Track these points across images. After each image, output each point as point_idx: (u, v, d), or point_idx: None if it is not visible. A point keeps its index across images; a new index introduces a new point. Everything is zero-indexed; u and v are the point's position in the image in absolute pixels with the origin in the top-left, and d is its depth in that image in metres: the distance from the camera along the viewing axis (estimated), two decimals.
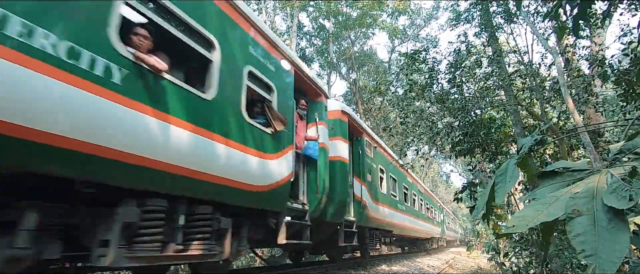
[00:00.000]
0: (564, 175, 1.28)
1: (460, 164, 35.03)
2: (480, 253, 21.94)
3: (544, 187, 1.27)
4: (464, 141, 7.59)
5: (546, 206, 1.06)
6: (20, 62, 1.93)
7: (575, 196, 1.04)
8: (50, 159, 2.12)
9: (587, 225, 0.92)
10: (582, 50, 8.19)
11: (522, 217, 1.07)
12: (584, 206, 0.98)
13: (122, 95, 2.48)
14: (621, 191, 0.94)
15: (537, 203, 1.11)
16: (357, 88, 24.52)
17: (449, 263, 14.97)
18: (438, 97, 8.01)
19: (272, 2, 20.87)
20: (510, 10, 8.10)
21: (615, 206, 0.91)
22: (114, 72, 2.45)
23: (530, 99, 8.66)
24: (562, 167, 1.32)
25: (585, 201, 1.00)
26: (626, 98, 5.54)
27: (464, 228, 49.43)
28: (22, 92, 1.94)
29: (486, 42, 8.54)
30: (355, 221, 7.36)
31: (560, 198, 1.07)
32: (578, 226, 0.93)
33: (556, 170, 1.32)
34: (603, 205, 0.95)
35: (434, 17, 25.71)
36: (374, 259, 11.98)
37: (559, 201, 1.05)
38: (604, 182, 1.05)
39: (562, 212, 1.00)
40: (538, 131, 1.78)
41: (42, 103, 2.02)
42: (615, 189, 0.97)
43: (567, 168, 1.30)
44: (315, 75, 6.27)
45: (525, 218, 1.06)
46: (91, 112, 2.26)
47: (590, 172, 1.20)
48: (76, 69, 2.21)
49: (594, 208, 0.96)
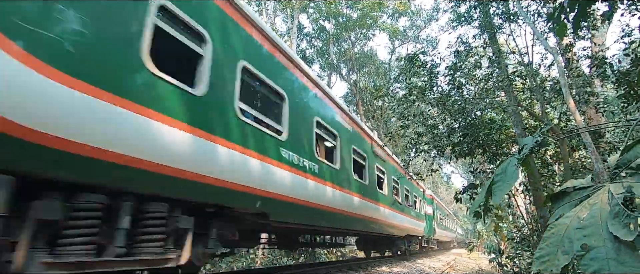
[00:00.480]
0: (571, 194, 1.34)
1: (461, 165, 35.01)
2: (481, 254, 21.89)
3: (557, 209, 1.34)
4: (465, 143, 7.58)
5: (559, 238, 1.10)
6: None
7: (582, 225, 1.05)
8: None
9: (601, 260, 0.94)
10: (582, 50, 8.19)
11: (544, 258, 1.11)
12: (592, 239, 0.99)
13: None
14: (622, 218, 0.95)
15: (550, 237, 1.15)
16: (357, 89, 24.52)
17: (450, 264, 14.94)
18: (438, 99, 8.00)
19: (273, 3, 20.90)
20: (510, 10, 8.10)
21: (621, 237, 0.92)
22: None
23: (531, 100, 8.64)
24: (570, 187, 1.38)
25: (593, 230, 1.01)
26: (627, 98, 5.52)
27: (464, 229, 49.34)
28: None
29: (486, 43, 8.53)
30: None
31: (570, 226, 1.10)
32: (592, 263, 0.94)
33: (566, 189, 1.39)
34: (609, 233, 0.96)
35: (434, 18, 25.73)
36: (375, 260, 11.96)
37: (569, 231, 1.09)
38: (606, 202, 1.06)
39: (574, 248, 1.02)
40: (539, 131, 1.78)
41: None
42: (617, 214, 0.98)
43: (574, 187, 1.36)
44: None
45: (547, 262, 1.10)
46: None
47: (594, 189, 1.23)
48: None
49: (603, 239, 0.97)
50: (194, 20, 3.35)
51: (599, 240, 0.97)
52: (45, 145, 2.09)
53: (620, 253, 0.90)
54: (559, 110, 8.44)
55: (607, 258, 0.92)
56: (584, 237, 1.01)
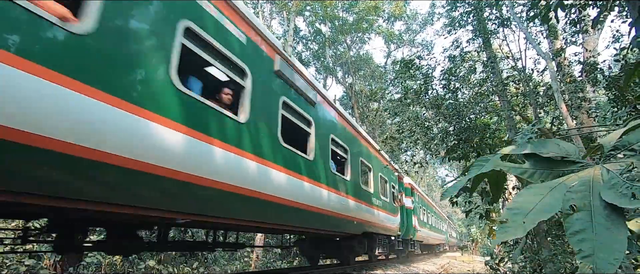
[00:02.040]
0: (558, 163, 1.22)
1: (455, 168, 35.18)
2: (475, 256, 21.96)
3: (538, 170, 1.22)
4: (459, 147, 7.63)
5: (541, 197, 0.99)
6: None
7: (572, 189, 0.98)
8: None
9: (586, 221, 0.87)
10: (574, 56, 8.30)
11: (517, 211, 0.99)
12: (581, 202, 0.92)
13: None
14: (621, 188, 0.89)
15: (530, 191, 1.04)
16: (353, 92, 24.59)
17: (444, 267, 14.97)
18: (433, 102, 8.06)
19: (269, 5, 20.95)
20: (503, 15, 8.20)
21: (616, 203, 0.86)
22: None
23: (524, 104, 8.73)
24: (557, 153, 1.26)
25: (582, 196, 0.94)
26: (617, 103, 5.61)
27: (458, 232, 49.48)
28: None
29: (480, 48, 8.62)
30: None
31: (555, 188, 1.01)
32: (577, 222, 0.88)
33: (552, 157, 1.27)
34: (601, 200, 0.90)
35: (429, 22, 25.91)
36: (370, 263, 11.95)
37: (554, 192, 1.00)
38: (600, 177, 1.00)
39: (559, 206, 0.94)
40: (527, 130, 1.80)
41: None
42: (613, 185, 0.92)
43: (562, 157, 1.24)
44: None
45: (519, 213, 0.98)
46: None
47: (584, 166, 1.16)
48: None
49: (591, 204, 0.91)
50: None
51: (587, 206, 0.91)
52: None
53: (608, 219, 0.86)
54: (551, 114, 8.54)
55: (593, 221, 0.87)
56: (572, 199, 0.94)
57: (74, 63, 2.25)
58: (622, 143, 1.19)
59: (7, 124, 1.92)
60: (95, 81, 2.37)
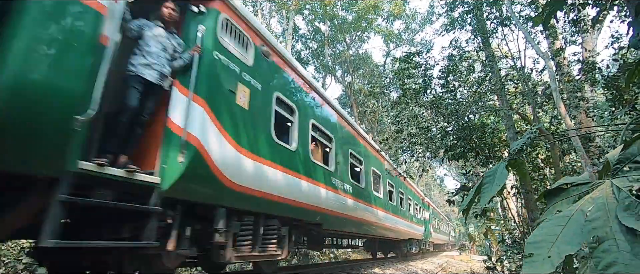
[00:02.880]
0: (568, 190, 1.25)
1: (454, 168, 35.23)
2: (473, 256, 22.03)
3: (552, 205, 1.24)
4: (458, 146, 7.63)
5: (560, 228, 1.00)
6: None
7: (590, 217, 0.98)
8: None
9: (613, 252, 0.87)
10: (573, 55, 8.31)
11: (539, 245, 0.99)
12: (601, 231, 0.92)
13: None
14: (635, 209, 0.90)
15: (549, 222, 1.05)
16: (352, 91, 24.58)
17: (443, 266, 15.00)
18: (431, 101, 8.06)
19: (268, 4, 20.90)
20: (502, 15, 8.19)
21: (636, 228, 0.86)
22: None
23: (523, 104, 8.74)
24: (565, 183, 1.30)
25: (601, 223, 0.94)
26: (615, 103, 5.61)
27: (456, 232, 49.64)
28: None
29: (479, 47, 8.61)
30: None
31: (573, 216, 1.01)
32: (605, 255, 0.88)
33: (562, 186, 1.31)
34: (620, 225, 0.90)
35: (428, 21, 25.91)
36: (367, 262, 11.97)
37: (572, 222, 1.00)
38: (611, 196, 1.01)
39: (582, 239, 0.94)
40: (529, 132, 1.80)
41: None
42: (628, 206, 0.92)
43: (571, 183, 1.28)
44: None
45: (543, 247, 0.98)
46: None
47: (594, 184, 1.18)
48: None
49: (613, 232, 0.91)
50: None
51: (609, 233, 0.91)
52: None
53: (634, 246, 0.86)
54: (550, 114, 8.55)
55: (620, 250, 0.86)
56: (593, 230, 0.94)
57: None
58: (626, 155, 1.19)
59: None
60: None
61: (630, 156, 1.16)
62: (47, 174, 2.27)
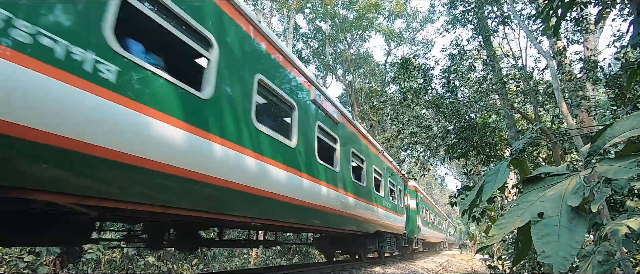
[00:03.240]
0: (545, 180, 1.34)
1: (455, 167, 35.22)
2: (474, 255, 22.01)
3: (527, 192, 1.34)
4: (459, 145, 7.63)
5: (522, 212, 1.12)
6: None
7: (544, 198, 1.11)
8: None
9: (552, 226, 0.98)
10: (574, 54, 8.28)
11: (503, 224, 1.15)
12: (550, 210, 1.04)
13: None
14: (581, 191, 1.01)
15: (516, 209, 1.18)
16: (353, 90, 24.57)
17: (443, 265, 15.01)
18: (432, 101, 8.05)
19: (269, 2, 20.88)
20: (504, 13, 8.17)
21: (573, 204, 0.98)
22: None
23: (524, 103, 8.73)
24: (544, 172, 1.38)
25: (553, 204, 1.06)
26: (616, 102, 5.60)
27: (456, 230, 49.63)
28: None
29: (480, 46, 8.59)
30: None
31: (535, 202, 1.13)
32: (543, 228, 0.99)
33: (540, 175, 1.39)
34: (567, 206, 1.01)
35: (430, 20, 25.86)
36: (369, 261, 11.97)
37: (534, 206, 1.12)
38: (575, 184, 1.12)
39: (531, 215, 1.06)
40: (530, 131, 1.80)
41: None
42: (577, 189, 1.03)
43: (548, 173, 1.36)
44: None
45: (504, 226, 1.14)
46: None
47: (567, 175, 1.27)
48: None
49: (560, 210, 1.02)
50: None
51: (556, 212, 1.02)
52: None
53: (572, 221, 0.96)
54: (551, 113, 8.54)
55: (559, 225, 0.97)
56: (543, 208, 1.06)
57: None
58: (593, 148, 1.29)
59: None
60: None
61: (597, 149, 1.25)
62: None
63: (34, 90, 2.05)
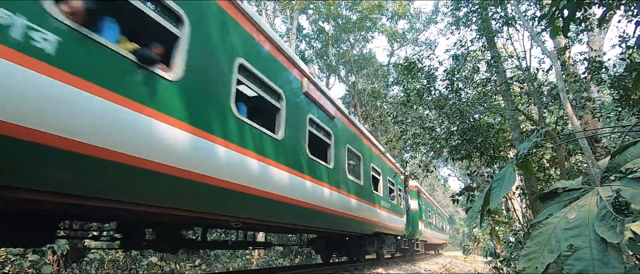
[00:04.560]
0: (561, 195, 1.32)
1: (458, 168, 35.08)
2: (477, 257, 21.90)
3: (545, 208, 1.33)
4: (462, 146, 7.59)
5: (547, 237, 1.10)
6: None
7: (570, 226, 1.06)
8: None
9: (586, 260, 0.94)
10: (579, 55, 8.21)
11: (531, 255, 1.11)
12: (579, 239, 1.00)
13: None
14: (609, 220, 0.96)
15: (540, 235, 1.14)
16: (356, 91, 24.54)
17: (446, 267, 14.95)
18: (436, 102, 8.02)
19: (272, 3, 20.91)
20: (508, 14, 8.13)
21: (607, 238, 0.93)
22: None
23: (528, 104, 8.67)
24: (560, 188, 1.37)
25: (580, 231, 1.02)
26: (621, 103, 5.55)
27: (457, 231, 49.41)
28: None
29: (484, 47, 8.55)
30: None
31: (557, 226, 1.10)
32: (575, 263, 0.96)
33: (556, 190, 1.38)
34: (595, 234, 0.97)
35: (433, 21, 25.79)
36: (370, 262, 11.94)
37: (558, 232, 1.09)
38: (595, 204, 1.08)
39: (561, 248, 1.03)
40: (536, 133, 1.78)
41: None
42: (604, 216, 0.99)
43: (564, 188, 1.36)
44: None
45: (533, 257, 1.10)
46: None
47: (584, 191, 1.24)
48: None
49: (589, 240, 0.97)
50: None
51: (585, 241, 0.98)
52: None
53: (605, 255, 0.92)
54: (556, 114, 8.48)
55: (592, 258, 0.93)
56: (571, 237, 1.02)
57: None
58: (612, 165, 1.26)
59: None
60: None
61: (617, 166, 1.21)
62: None
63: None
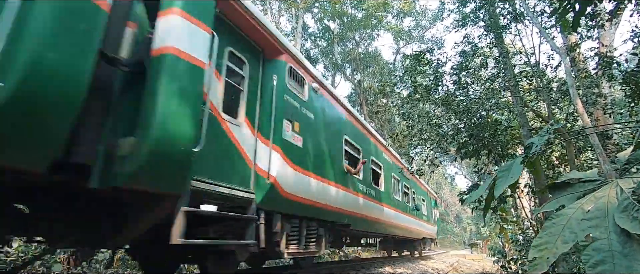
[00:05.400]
0: (575, 186, 1.25)
1: (465, 166, 34.83)
2: (485, 255, 21.72)
3: (555, 199, 1.26)
4: (470, 144, 7.52)
5: (561, 228, 1.04)
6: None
7: (587, 216, 1.01)
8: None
9: (604, 251, 0.90)
10: (589, 51, 8.07)
11: (542, 245, 1.06)
12: (597, 230, 0.95)
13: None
14: (632, 211, 0.91)
15: (552, 226, 1.09)
16: (361, 89, 24.47)
17: (454, 265, 14.86)
18: (443, 98, 7.95)
19: (277, 2, 20.92)
20: (516, 10, 8.02)
21: (629, 229, 0.88)
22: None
23: (537, 100, 8.56)
24: (573, 179, 1.30)
25: (598, 222, 0.97)
26: (633, 99, 5.45)
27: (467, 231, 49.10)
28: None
29: (492, 43, 8.45)
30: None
31: (573, 217, 1.04)
32: (595, 254, 0.91)
33: (568, 181, 1.31)
34: (615, 226, 0.92)
35: (439, 18, 25.59)
36: (377, 260, 11.92)
37: (573, 222, 1.03)
38: (614, 196, 1.03)
39: (577, 238, 0.97)
40: (547, 129, 1.74)
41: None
42: (626, 207, 0.94)
43: (578, 179, 1.29)
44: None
45: (544, 247, 1.04)
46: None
47: (601, 183, 1.18)
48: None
49: (608, 231, 0.93)
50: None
51: (603, 232, 0.93)
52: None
53: (625, 246, 0.87)
54: (565, 111, 8.35)
55: (611, 250, 0.88)
56: (588, 228, 0.98)
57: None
58: (635, 156, 1.20)
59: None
60: None
61: (637, 159, 1.17)
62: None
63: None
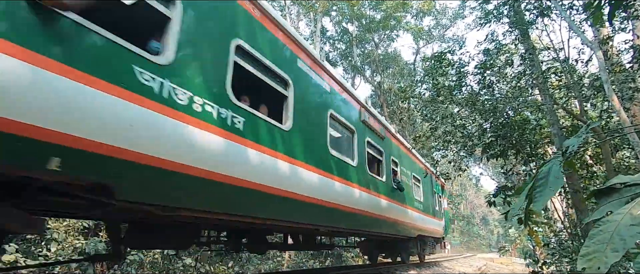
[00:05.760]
0: (621, 191, 1.19)
1: (491, 167, 33.79)
2: (514, 259, 20.97)
3: (603, 206, 1.20)
4: (497, 144, 7.29)
5: (609, 236, 1.00)
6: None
7: (637, 221, 0.97)
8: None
9: None
10: (624, 44, 7.68)
11: (590, 255, 1.01)
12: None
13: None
14: None
15: (600, 233, 1.05)
16: (382, 90, 24.26)
17: (481, 269, 14.42)
18: (467, 99, 7.75)
19: (296, 7, 21.11)
20: (543, 4, 7.74)
21: None
22: None
23: (568, 97, 8.21)
24: (619, 182, 1.23)
25: None
26: None
27: (495, 234, 47.57)
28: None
29: (517, 40, 8.18)
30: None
31: (621, 223, 1.00)
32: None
33: (615, 185, 1.23)
34: None
35: (460, 16, 25.06)
36: (401, 265, 11.71)
37: (622, 228, 0.99)
38: None
39: (627, 245, 0.94)
40: (585, 129, 1.66)
41: None
42: None
43: (624, 183, 1.21)
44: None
45: (593, 256, 1.00)
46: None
47: None
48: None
49: None
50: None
51: None
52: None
53: None
54: (598, 107, 7.97)
55: None
56: (638, 234, 0.94)
57: None
58: None
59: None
60: None
61: None
62: None
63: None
